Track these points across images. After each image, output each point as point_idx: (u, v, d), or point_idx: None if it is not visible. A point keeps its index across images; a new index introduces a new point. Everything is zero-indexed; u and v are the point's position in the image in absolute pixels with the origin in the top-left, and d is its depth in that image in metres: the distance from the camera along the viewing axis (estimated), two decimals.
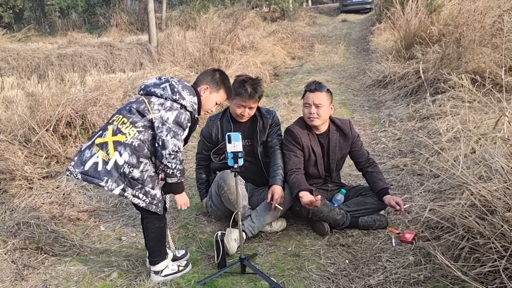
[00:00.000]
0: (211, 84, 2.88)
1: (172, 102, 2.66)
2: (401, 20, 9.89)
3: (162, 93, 2.69)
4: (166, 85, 2.72)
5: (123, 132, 2.60)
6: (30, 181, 4.33)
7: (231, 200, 3.30)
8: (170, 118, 2.61)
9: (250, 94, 3.36)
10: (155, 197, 2.68)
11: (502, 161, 2.71)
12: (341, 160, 3.58)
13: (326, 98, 3.36)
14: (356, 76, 9.82)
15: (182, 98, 2.67)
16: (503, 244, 2.38)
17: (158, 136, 2.59)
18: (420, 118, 5.71)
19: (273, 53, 12.50)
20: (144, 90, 2.76)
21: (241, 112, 3.44)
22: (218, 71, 2.97)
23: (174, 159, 2.60)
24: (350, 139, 3.52)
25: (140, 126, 2.62)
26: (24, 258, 3.14)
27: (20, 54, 12.45)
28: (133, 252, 3.28)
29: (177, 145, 2.59)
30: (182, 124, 2.64)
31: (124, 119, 2.64)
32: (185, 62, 9.34)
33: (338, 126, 3.52)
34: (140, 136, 2.60)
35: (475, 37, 6.33)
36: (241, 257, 2.84)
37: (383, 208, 3.44)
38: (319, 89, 3.36)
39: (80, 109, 5.49)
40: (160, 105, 2.64)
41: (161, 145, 2.58)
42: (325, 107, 3.35)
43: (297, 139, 3.42)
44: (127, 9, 22.90)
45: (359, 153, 3.56)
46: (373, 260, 2.95)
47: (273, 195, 3.25)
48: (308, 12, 25.28)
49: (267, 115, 3.57)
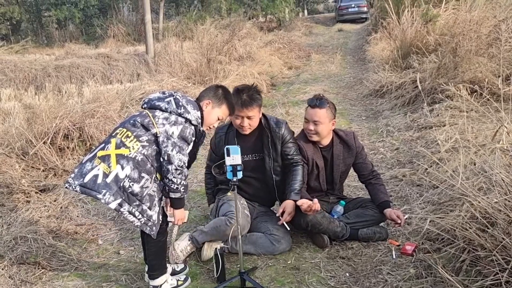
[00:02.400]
0: (214, 99, 2.88)
1: (177, 116, 2.64)
2: (397, 29, 9.92)
3: (166, 107, 2.67)
4: (170, 99, 2.70)
5: (126, 146, 2.58)
6: (27, 194, 4.30)
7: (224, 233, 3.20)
8: (175, 132, 2.59)
9: (244, 102, 3.18)
10: (151, 218, 2.61)
11: (502, 173, 2.70)
12: (344, 172, 3.57)
13: (325, 115, 3.33)
14: (353, 85, 9.84)
15: (187, 112, 2.66)
16: (505, 256, 2.37)
17: (163, 150, 2.56)
18: (418, 128, 5.71)
19: (270, 63, 12.53)
20: (148, 104, 2.74)
21: (240, 123, 3.26)
22: (221, 87, 2.96)
23: (179, 175, 2.58)
24: (354, 151, 3.51)
25: (144, 140, 2.59)
26: (21, 273, 3.11)
27: (17, 65, 12.46)
28: (132, 266, 3.25)
29: (182, 160, 2.57)
30: (187, 139, 2.63)
31: (128, 133, 2.62)
32: (183, 73, 9.37)
33: (342, 138, 3.50)
34: (144, 151, 2.58)
35: (471, 47, 6.35)
36: (241, 271, 2.81)
37: (383, 221, 3.42)
38: (319, 106, 3.32)
39: (77, 121, 5.48)
40: (165, 119, 2.62)
41: (166, 160, 2.55)
42: (324, 124, 3.33)
43: (303, 152, 3.41)
44: (124, 20, 22.97)
45: (363, 165, 3.55)
46: (373, 273, 2.93)
47: (284, 213, 3.21)
48: (304, 22, 25.41)
49: (275, 128, 3.35)
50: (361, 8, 24.63)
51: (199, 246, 3.27)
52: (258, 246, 3.26)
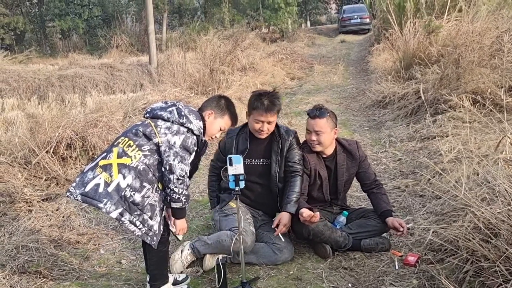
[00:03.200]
0: (216, 109, 2.89)
1: (179, 126, 2.65)
2: (399, 40, 9.95)
3: (169, 116, 2.68)
4: (173, 109, 2.71)
5: (128, 155, 2.58)
6: (29, 203, 4.30)
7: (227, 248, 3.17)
8: (177, 142, 2.59)
9: (267, 107, 3.22)
10: (152, 228, 2.60)
11: (505, 183, 2.69)
12: (348, 181, 3.57)
13: (326, 125, 3.33)
14: (356, 96, 9.85)
15: (189, 122, 2.67)
16: (508, 267, 2.35)
17: (165, 160, 2.56)
18: (421, 138, 5.70)
19: (273, 73, 12.58)
20: (150, 114, 2.75)
21: (260, 127, 3.29)
22: (223, 97, 2.98)
23: (181, 184, 2.58)
24: (357, 160, 3.51)
25: (146, 149, 2.60)
26: (22, 282, 3.10)
27: (21, 75, 12.51)
28: (133, 276, 3.24)
29: (184, 169, 2.58)
30: (189, 149, 2.63)
31: (130, 142, 2.62)
32: (185, 83, 9.38)
33: (345, 148, 3.51)
34: (146, 160, 2.58)
35: (474, 58, 6.36)
36: (243, 281, 2.80)
37: (385, 231, 3.41)
38: (319, 116, 3.34)
39: (80, 130, 5.49)
40: (167, 129, 2.63)
41: (168, 170, 2.55)
42: (326, 134, 3.34)
43: (306, 162, 3.41)
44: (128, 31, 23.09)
45: (366, 174, 3.54)
46: (376, 284, 2.91)
47: (280, 224, 3.21)
48: (307, 33, 25.50)
49: (285, 136, 3.41)
50: (364, 19, 24.69)
51: (200, 256, 3.25)
52: (260, 255, 3.24)
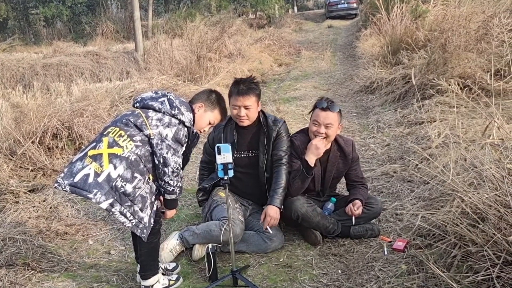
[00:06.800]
0: (207, 103, 2.88)
1: (171, 118, 2.62)
2: (386, 25, 9.95)
3: (160, 107, 2.63)
4: (164, 99, 2.67)
5: (120, 145, 2.53)
6: (16, 195, 4.25)
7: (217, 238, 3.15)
8: (169, 135, 2.56)
9: (240, 91, 3.18)
10: (142, 220, 2.57)
11: (492, 168, 2.71)
12: (336, 178, 3.54)
13: (336, 118, 3.26)
14: (344, 82, 9.85)
15: (181, 113, 2.63)
16: (496, 252, 2.38)
17: (158, 153, 2.54)
18: (408, 123, 5.72)
19: (260, 60, 12.52)
20: (141, 103, 2.70)
21: (237, 113, 3.23)
22: (214, 92, 2.97)
23: (176, 177, 2.58)
24: (349, 161, 3.45)
25: (138, 140, 2.56)
26: (10, 275, 3.06)
27: (4, 64, 12.28)
28: (123, 266, 3.23)
29: (177, 162, 2.57)
30: (181, 141, 2.61)
31: (121, 132, 2.57)
32: (172, 71, 9.32)
33: (340, 146, 3.43)
34: (137, 151, 2.54)
35: (460, 42, 6.38)
36: (233, 270, 2.80)
37: (375, 217, 3.43)
38: (331, 109, 3.23)
39: (66, 120, 5.42)
40: (158, 121, 2.59)
41: (162, 163, 2.53)
42: (335, 128, 3.26)
43: (298, 151, 3.35)
44: (113, 18, 22.73)
45: (353, 175, 3.50)
46: (365, 270, 2.94)
47: (266, 216, 3.20)
48: (294, 19, 25.41)
49: (272, 126, 3.35)
50: (351, 4, 24.63)
51: (189, 246, 3.25)
52: (250, 244, 3.25)
